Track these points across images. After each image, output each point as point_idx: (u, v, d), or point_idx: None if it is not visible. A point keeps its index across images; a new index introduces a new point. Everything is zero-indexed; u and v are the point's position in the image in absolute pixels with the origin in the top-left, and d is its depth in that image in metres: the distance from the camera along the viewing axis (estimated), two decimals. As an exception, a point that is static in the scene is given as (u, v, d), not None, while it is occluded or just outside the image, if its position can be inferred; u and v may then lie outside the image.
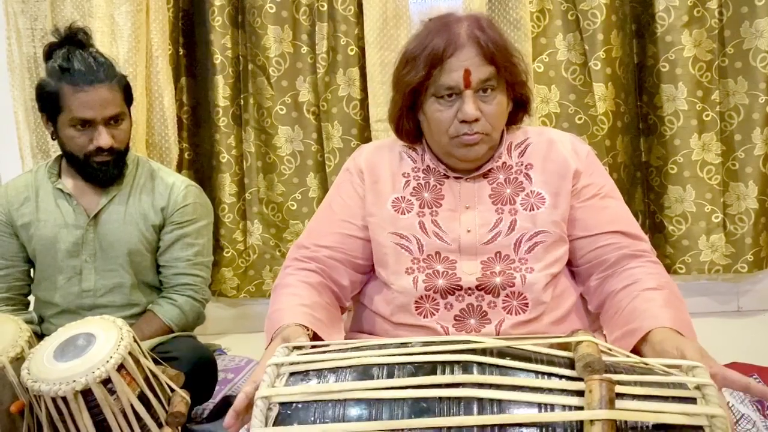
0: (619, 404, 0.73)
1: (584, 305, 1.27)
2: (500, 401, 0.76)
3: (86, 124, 1.67)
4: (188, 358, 1.60)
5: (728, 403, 0.93)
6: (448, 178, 1.27)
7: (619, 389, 0.74)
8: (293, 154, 2.44)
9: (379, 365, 0.82)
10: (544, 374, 0.79)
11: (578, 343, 0.81)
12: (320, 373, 0.83)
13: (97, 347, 1.24)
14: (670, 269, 2.27)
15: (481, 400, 0.76)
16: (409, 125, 1.28)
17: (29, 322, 1.71)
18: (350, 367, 0.82)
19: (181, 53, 2.48)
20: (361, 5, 2.29)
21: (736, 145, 2.24)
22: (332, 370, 0.83)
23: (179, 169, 2.43)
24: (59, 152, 1.80)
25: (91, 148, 1.69)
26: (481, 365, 0.80)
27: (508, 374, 0.79)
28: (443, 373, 0.79)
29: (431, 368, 0.80)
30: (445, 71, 1.17)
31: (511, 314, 1.18)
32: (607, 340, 1.14)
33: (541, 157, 1.27)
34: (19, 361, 1.30)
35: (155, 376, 1.32)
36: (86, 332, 1.27)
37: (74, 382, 1.18)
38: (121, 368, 1.23)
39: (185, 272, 1.82)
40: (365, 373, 0.81)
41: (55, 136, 1.73)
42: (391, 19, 2.27)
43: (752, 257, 2.23)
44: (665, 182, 2.28)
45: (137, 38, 2.24)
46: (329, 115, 2.38)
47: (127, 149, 1.78)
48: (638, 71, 2.31)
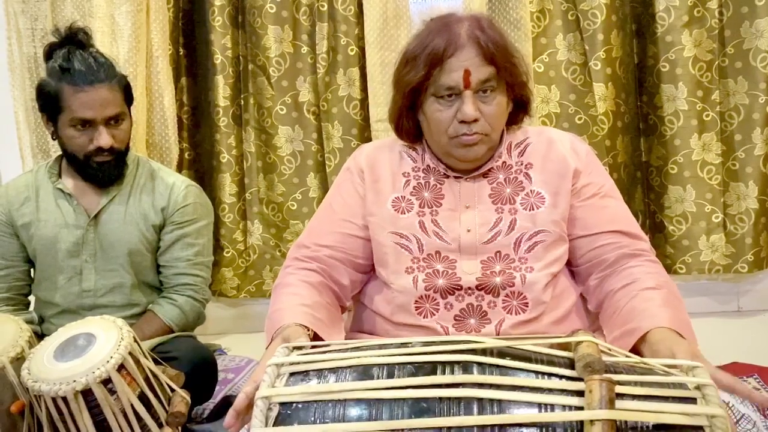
0: (619, 404, 0.73)
1: (584, 305, 1.27)
2: (500, 401, 0.76)
3: (86, 124, 1.67)
4: (188, 358, 1.60)
5: (728, 403, 0.92)
6: (448, 177, 1.27)
7: (619, 389, 0.74)
8: (293, 154, 2.44)
9: (379, 365, 0.82)
10: (544, 374, 0.79)
11: (578, 343, 0.81)
12: (320, 373, 0.83)
13: (97, 347, 1.24)
14: (670, 269, 2.27)
15: (481, 400, 0.76)
16: (408, 125, 1.28)
17: (29, 322, 1.71)
18: (350, 367, 0.82)
19: (181, 53, 2.48)
20: (361, 5, 2.29)
21: (736, 145, 2.24)
22: (332, 370, 0.82)
23: (179, 169, 2.44)
24: (59, 152, 1.80)
25: (91, 148, 1.69)
26: (481, 365, 0.80)
27: (508, 374, 0.79)
28: (443, 373, 0.79)
29: (431, 368, 0.80)
30: (445, 71, 1.17)
31: (511, 314, 1.18)
32: (606, 339, 1.14)
33: (540, 156, 1.27)
34: (19, 361, 1.30)
35: (155, 376, 1.32)
36: (86, 332, 1.27)
37: (74, 382, 1.18)
38: (121, 368, 1.23)
39: (185, 272, 1.82)
40: (365, 373, 0.81)
41: (55, 136, 1.73)
42: (391, 19, 2.27)
43: (752, 257, 2.23)
44: (665, 182, 2.28)
45: (137, 38, 2.25)
46: (329, 115, 2.38)
47: (127, 149, 1.78)
48: (638, 71, 2.31)
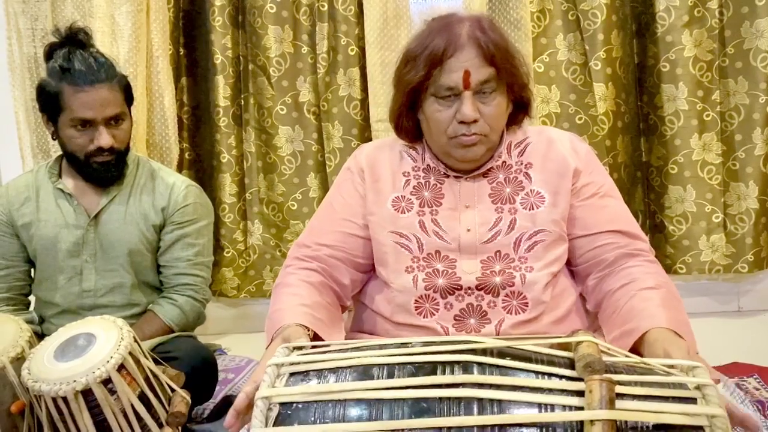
0: (619, 404, 0.73)
1: (584, 305, 1.27)
2: (500, 401, 0.76)
3: (87, 124, 1.67)
4: (189, 358, 1.60)
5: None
6: (448, 177, 1.27)
7: (619, 389, 0.74)
8: (294, 154, 2.44)
9: (379, 365, 0.81)
10: (544, 374, 0.79)
11: (578, 343, 0.81)
12: (320, 373, 0.83)
13: (97, 347, 1.24)
14: (670, 269, 2.27)
15: (481, 400, 0.76)
16: (408, 124, 1.28)
17: (30, 322, 1.71)
18: (350, 367, 0.82)
19: (181, 53, 2.48)
20: (361, 5, 2.29)
21: (736, 145, 2.24)
22: (332, 370, 0.82)
23: (180, 169, 2.43)
24: (60, 152, 1.80)
25: (91, 148, 1.69)
26: (481, 365, 0.80)
27: (508, 374, 0.79)
28: (443, 373, 0.79)
29: (431, 368, 0.80)
30: (444, 72, 1.17)
31: (510, 314, 1.18)
32: (605, 339, 1.14)
33: (540, 156, 1.27)
34: (19, 361, 1.30)
35: (156, 376, 1.32)
36: (87, 332, 1.27)
37: (75, 382, 1.18)
38: (121, 368, 1.23)
39: (186, 272, 1.82)
40: (365, 373, 0.81)
41: (55, 136, 1.73)
42: (391, 19, 2.27)
43: (753, 257, 2.23)
44: (666, 182, 2.28)
45: (138, 38, 2.24)
46: (330, 115, 2.38)
47: (127, 149, 1.78)
48: (639, 71, 2.31)
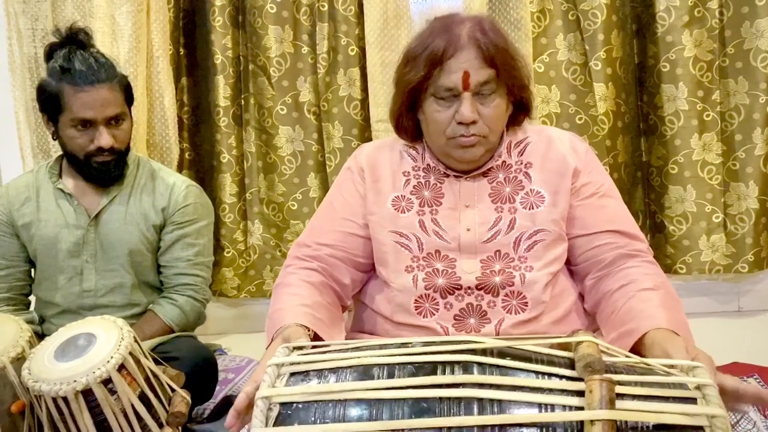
0: (619, 404, 0.73)
1: (584, 305, 1.27)
2: (500, 401, 0.76)
3: (87, 124, 1.67)
4: (189, 358, 1.60)
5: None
6: (448, 176, 1.27)
7: (619, 389, 0.74)
8: (294, 154, 2.44)
9: (379, 365, 0.82)
10: (544, 374, 0.79)
11: (578, 343, 0.81)
12: (321, 373, 0.83)
13: (97, 347, 1.24)
14: (670, 269, 2.27)
15: (481, 400, 0.76)
16: (408, 124, 1.28)
17: (30, 322, 1.71)
18: (351, 367, 0.82)
19: (181, 53, 2.48)
20: (361, 5, 2.29)
21: (736, 145, 2.24)
22: (333, 370, 0.83)
23: (180, 169, 2.44)
24: (60, 152, 1.80)
25: (91, 148, 1.68)
26: (481, 365, 0.80)
27: (508, 374, 0.79)
28: (443, 373, 0.79)
29: (432, 368, 0.80)
30: (444, 72, 1.17)
31: (510, 313, 1.18)
32: (604, 340, 1.14)
33: (540, 155, 1.27)
34: (19, 361, 1.30)
35: (156, 376, 1.32)
36: (87, 332, 1.27)
37: (75, 382, 1.18)
38: (121, 368, 1.23)
39: (186, 272, 1.82)
40: (366, 373, 0.81)
41: (56, 136, 1.73)
42: (391, 19, 2.27)
43: (753, 257, 2.23)
44: (666, 182, 2.28)
45: (138, 38, 2.25)
46: (330, 115, 2.38)
47: (127, 149, 1.78)
48: (639, 71, 2.31)
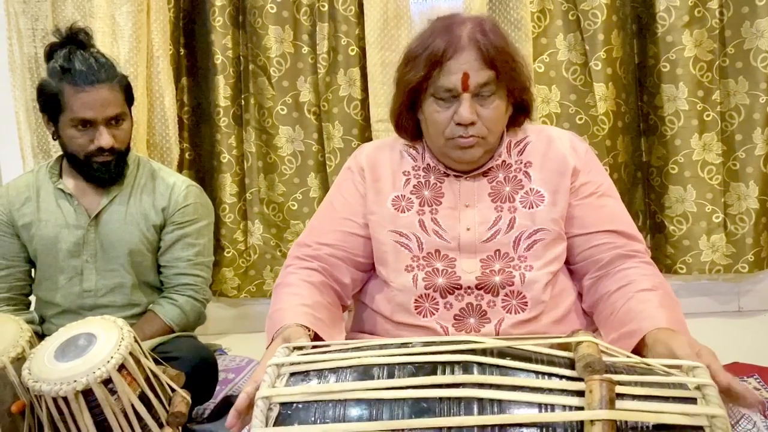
0: (619, 404, 0.73)
1: (582, 304, 1.27)
2: (500, 401, 0.76)
3: (87, 124, 1.67)
4: (189, 358, 1.60)
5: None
6: (448, 176, 1.27)
7: (619, 389, 0.74)
8: (294, 154, 2.44)
9: (379, 365, 0.82)
10: (544, 374, 0.79)
11: (578, 343, 0.81)
12: (321, 373, 0.83)
13: (97, 347, 1.24)
14: (670, 269, 2.27)
15: (481, 400, 0.76)
16: (408, 123, 1.29)
17: (30, 322, 1.71)
18: (351, 367, 0.82)
19: (182, 53, 2.48)
20: (361, 5, 2.29)
21: (736, 145, 2.24)
22: (333, 370, 0.83)
23: (180, 169, 2.44)
24: (60, 152, 1.80)
25: (92, 148, 1.69)
26: (481, 365, 0.80)
27: (508, 374, 0.79)
28: (444, 373, 0.79)
29: (432, 368, 0.80)
30: (444, 73, 1.17)
31: (510, 313, 1.18)
32: (604, 341, 1.14)
33: (540, 155, 1.27)
34: (20, 361, 1.30)
35: (156, 376, 1.32)
36: (87, 332, 1.27)
37: (75, 382, 1.18)
38: (121, 368, 1.23)
39: (186, 272, 1.82)
40: (366, 373, 0.81)
41: (56, 136, 1.73)
42: (391, 19, 2.27)
43: (753, 257, 2.23)
44: (666, 182, 2.28)
45: (138, 38, 2.25)
46: (330, 115, 2.38)
47: (128, 149, 1.78)
48: (639, 71, 2.31)
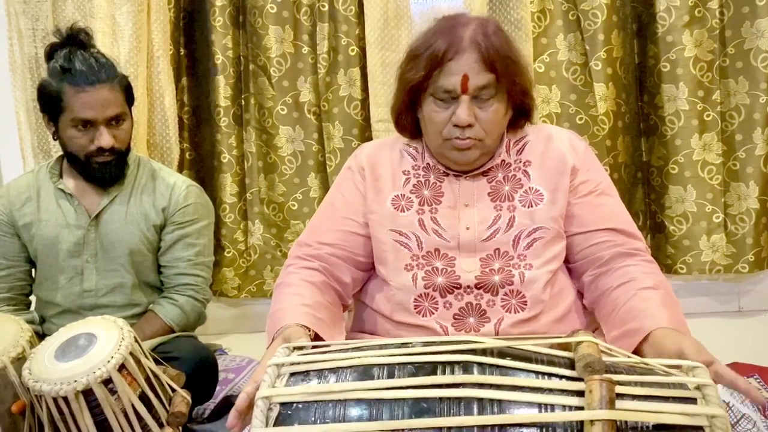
0: (619, 404, 0.73)
1: (583, 304, 1.27)
2: (500, 401, 0.76)
3: (87, 124, 1.67)
4: (189, 358, 1.60)
5: (728, 403, 0.93)
6: (447, 175, 1.27)
7: (619, 389, 0.74)
8: (294, 154, 2.44)
9: (379, 365, 0.82)
10: (544, 374, 0.79)
11: (578, 343, 0.81)
12: (321, 373, 0.83)
13: (98, 347, 1.24)
14: (671, 269, 2.27)
15: (481, 400, 0.76)
16: (408, 121, 1.29)
17: (30, 322, 1.72)
18: (351, 367, 0.82)
19: (182, 53, 2.48)
20: (362, 5, 2.29)
21: (737, 145, 2.24)
22: (333, 370, 0.83)
23: (180, 169, 2.43)
24: (60, 152, 1.80)
25: (92, 148, 1.69)
26: (481, 365, 0.80)
27: (508, 374, 0.79)
28: (444, 373, 0.79)
29: (432, 368, 0.80)
30: (444, 74, 1.17)
31: (510, 312, 1.18)
32: (605, 338, 1.14)
33: (539, 153, 1.27)
34: (20, 361, 1.30)
35: (156, 376, 1.32)
36: (87, 332, 1.27)
37: (75, 382, 1.18)
38: (122, 368, 1.23)
39: (186, 272, 1.82)
40: (366, 373, 0.81)
41: (56, 136, 1.73)
42: (392, 19, 2.27)
43: (753, 257, 2.23)
44: (666, 182, 2.28)
45: (138, 39, 2.25)
46: (330, 115, 2.38)
47: (128, 149, 1.78)
48: (639, 71, 2.31)
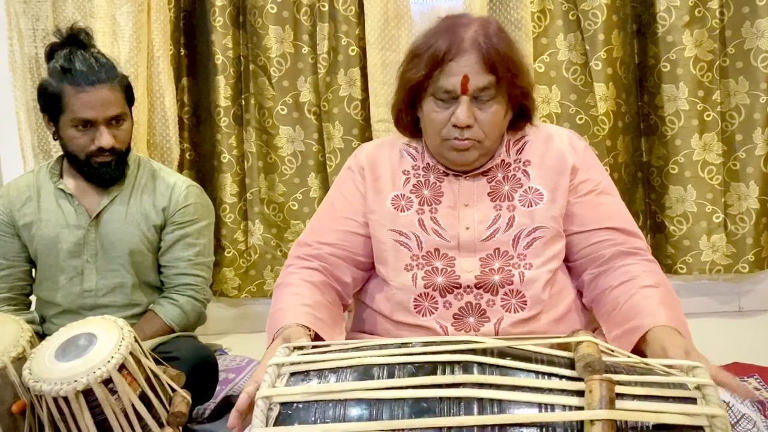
0: (619, 404, 0.73)
1: (583, 303, 1.27)
2: (500, 401, 0.76)
3: (88, 124, 1.67)
4: (189, 358, 1.60)
5: (728, 403, 0.92)
6: (447, 175, 1.28)
7: (619, 389, 0.74)
8: (294, 154, 2.44)
9: (379, 365, 0.82)
10: (544, 374, 0.79)
11: (578, 343, 0.81)
12: (321, 373, 0.83)
13: (98, 347, 1.24)
14: (671, 269, 2.27)
15: (481, 400, 0.76)
16: (407, 120, 1.29)
17: (31, 322, 1.71)
18: (351, 367, 0.82)
19: (182, 53, 2.48)
20: (362, 5, 2.29)
21: (737, 145, 2.24)
22: (333, 370, 0.83)
23: (180, 169, 2.43)
24: (61, 152, 1.80)
25: (92, 148, 1.69)
26: (481, 365, 0.80)
27: (508, 374, 0.79)
28: (444, 373, 0.79)
29: (432, 368, 0.80)
30: (444, 74, 1.17)
31: (509, 312, 1.18)
32: (606, 337, 1.14)
33: (539, 153, 1.27)
34: (20, 360, 1.30)
35: (156, 376, 1.32)
36: (87, 332, 1.27)
37: (75, 381, 1.18)
38: (122, 368, 1.23)
39: (186, 272, 1.82)
40: (366, 373, 0.81)
41: (56, 136, 1.73)
42: (392, 19, 2.27)
43: (753, 257, 2.23)
44: (666, 182, 2.28)
45: (138, 39, 2.25)
46: (330, 115, 2.38)
47: (128, 149, 1.78)
48: (639, 71, 2.31)
